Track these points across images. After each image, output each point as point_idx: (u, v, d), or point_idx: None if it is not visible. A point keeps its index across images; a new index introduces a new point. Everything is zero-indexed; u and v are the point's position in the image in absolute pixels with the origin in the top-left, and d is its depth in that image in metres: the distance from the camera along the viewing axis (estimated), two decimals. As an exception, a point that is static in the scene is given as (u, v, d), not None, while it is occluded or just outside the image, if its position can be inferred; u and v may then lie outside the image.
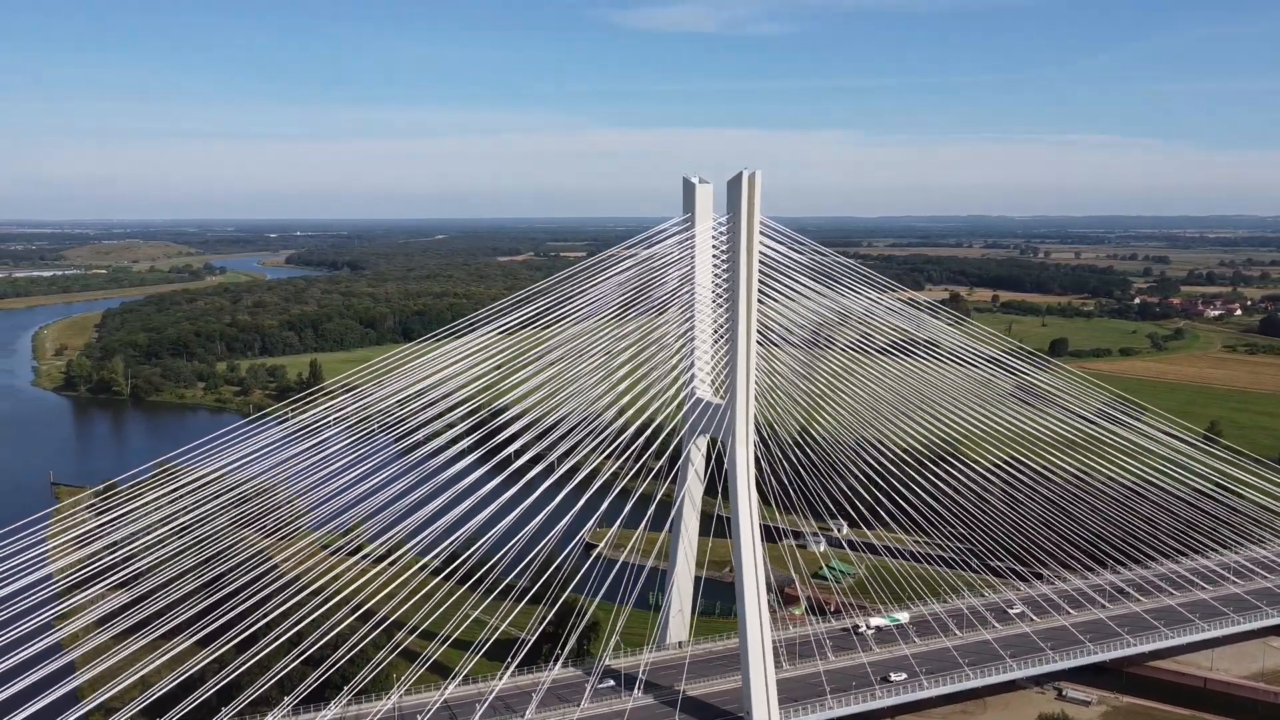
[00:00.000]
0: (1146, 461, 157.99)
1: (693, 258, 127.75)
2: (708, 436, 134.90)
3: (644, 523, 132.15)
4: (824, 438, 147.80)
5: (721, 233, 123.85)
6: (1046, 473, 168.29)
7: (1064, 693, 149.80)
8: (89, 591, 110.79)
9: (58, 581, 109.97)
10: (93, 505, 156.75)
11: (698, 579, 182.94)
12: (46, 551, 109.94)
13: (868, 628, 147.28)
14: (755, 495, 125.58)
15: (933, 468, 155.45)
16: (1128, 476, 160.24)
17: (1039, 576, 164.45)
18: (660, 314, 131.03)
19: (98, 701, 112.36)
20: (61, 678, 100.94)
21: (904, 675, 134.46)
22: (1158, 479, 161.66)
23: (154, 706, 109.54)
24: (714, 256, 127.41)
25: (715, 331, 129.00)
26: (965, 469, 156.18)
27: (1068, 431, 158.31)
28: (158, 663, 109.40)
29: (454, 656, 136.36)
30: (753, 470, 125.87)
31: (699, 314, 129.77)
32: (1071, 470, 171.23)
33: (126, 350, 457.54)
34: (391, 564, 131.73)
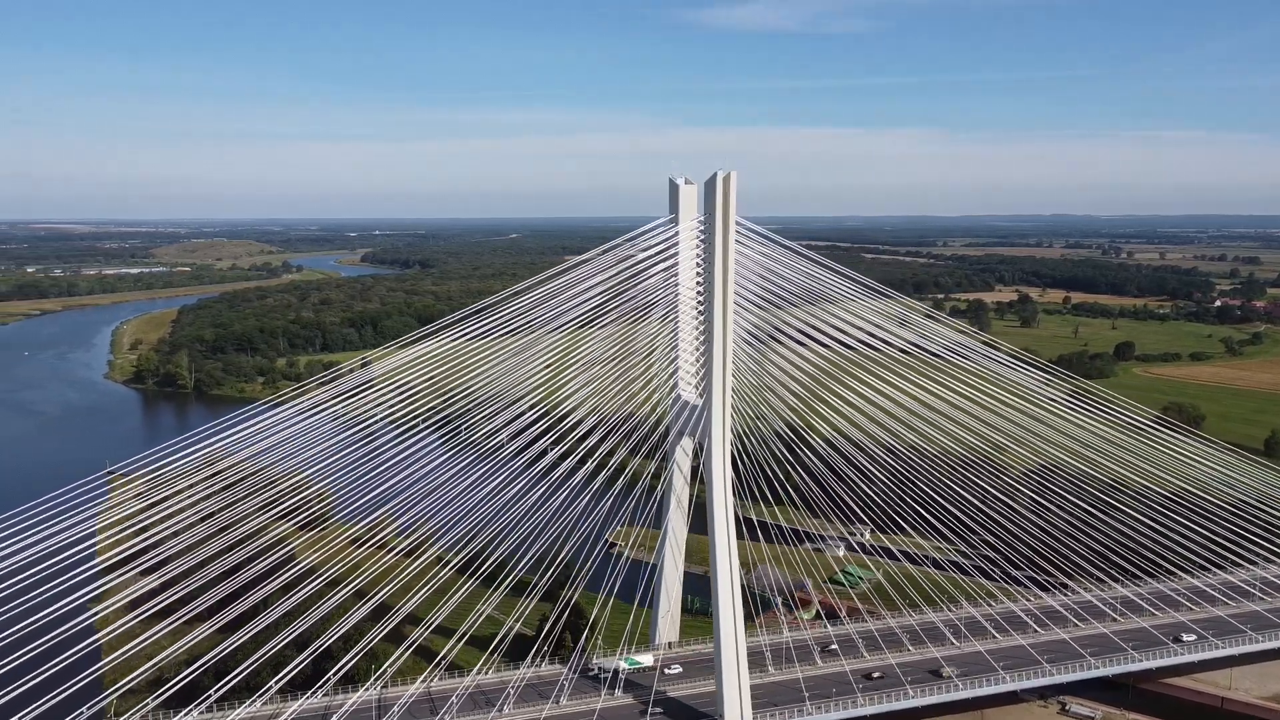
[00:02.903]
0: (1174, 472, 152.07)
1: (676, 259, 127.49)
2: (694, 438, 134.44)
3: (626, 508, 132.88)
4: (842, 441, 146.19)
5: (699, 233, 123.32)
6: (1073, 481, 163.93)
7: (1068, 707, 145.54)
8: (97, 563, 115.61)
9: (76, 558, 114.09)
10: (127, 490, 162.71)
11: (708, 581, 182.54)
12: (74, 532, 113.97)
13: (601, 670, 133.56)
14: (731, 499, 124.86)
15: (956, 474, 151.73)
16: (1156, 489, 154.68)
17: (1046, 588, 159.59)
18: (646, 316, 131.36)
19: (111, 663, 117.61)
20: (81, 640, 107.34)
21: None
22: (1184, 491, 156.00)
23: (155, 678, 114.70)
24: (696, 257, 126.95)
25: (698, 333, 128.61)
26: (989, 475, 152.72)
27: (1080, 438, 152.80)
28: (158, 635, 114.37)
29: (463, 653, 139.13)
30: (730, 473, 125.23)
31: (682, 315, 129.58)
32: (1093, 479, 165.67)
33: (194, 345, 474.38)
34: (383, 548, 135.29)
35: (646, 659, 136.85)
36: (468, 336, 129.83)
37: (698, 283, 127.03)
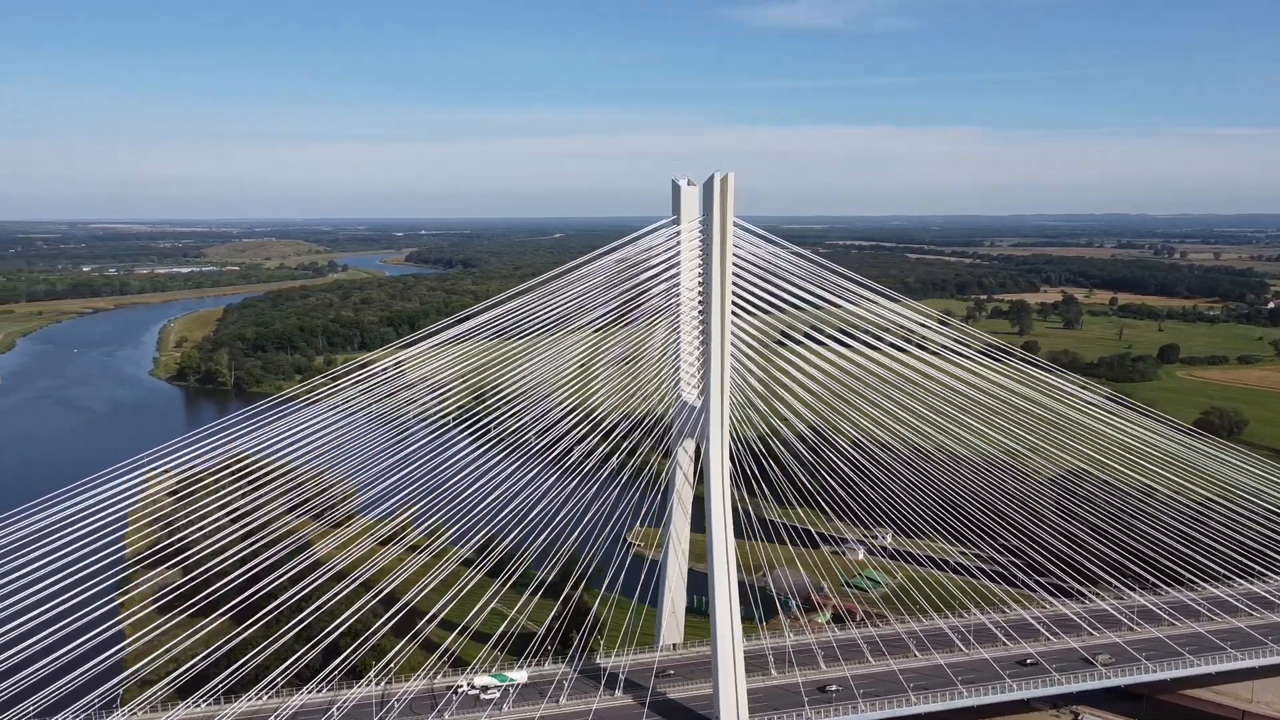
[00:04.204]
0: (1192, 478, 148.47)
1: (678, 261, 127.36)
2: (695, 439, 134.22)
3: (628, 502, 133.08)
4: (867, 442, 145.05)
5: (695, 235, 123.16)
6: (1094, 488, 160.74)
7: (1079, 717, 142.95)
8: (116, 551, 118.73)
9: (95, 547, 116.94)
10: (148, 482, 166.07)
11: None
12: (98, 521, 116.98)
13: (470, 687, 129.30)
14: (730, 501, 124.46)
15: (977, 478, 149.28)
16: (1174, 495, 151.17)
17: (1068, 595, 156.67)
18: (648, 317, 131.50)
19: (122, 650, 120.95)
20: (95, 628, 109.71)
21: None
22: (1207, 499, 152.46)
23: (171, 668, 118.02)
24: (698, 259, 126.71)
25: (699, 335, 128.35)
26: (1009, 481, 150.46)
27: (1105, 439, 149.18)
28: (171, 625, 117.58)
29: (473, 649, 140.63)
30: (728, 476, 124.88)
31: (684, 317, 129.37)
32: (1114, 486, 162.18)
33: (235, 344, 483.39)
34: (390, 541, 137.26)
35: (521, 676, 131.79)
36: (473, 338, 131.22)
37: (699, 284, 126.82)
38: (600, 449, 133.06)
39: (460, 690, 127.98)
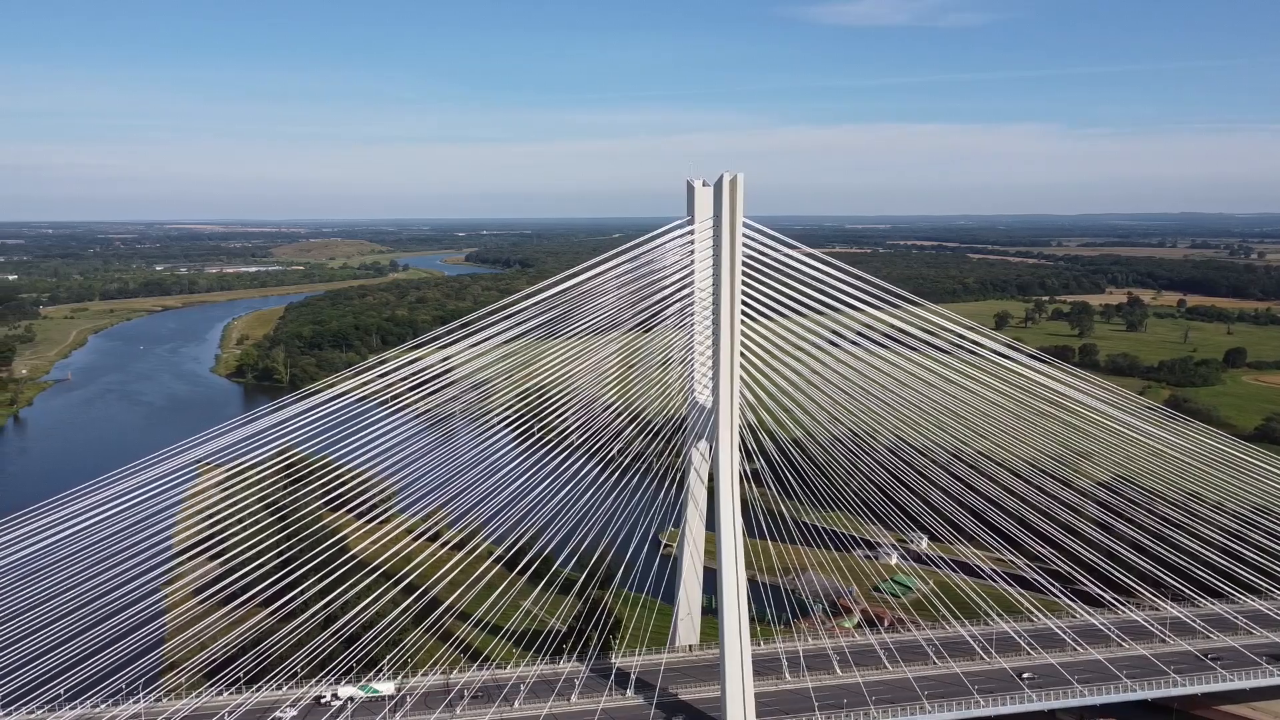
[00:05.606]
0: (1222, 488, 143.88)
1: (692, 262, 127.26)
2: (709, 440, 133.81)
3: (642, 497, 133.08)
4: (878, 445, 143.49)
5: (706, 236, 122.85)
6: (1126, 498, 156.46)
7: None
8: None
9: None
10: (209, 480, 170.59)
11: (753, 584, 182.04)
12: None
13: (334, 698, 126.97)
14: (738, 503, 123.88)
15: (1014, 483, 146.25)
16: (1223, 506, 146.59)
17: (1096, 604, 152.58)
18: (662, 319, 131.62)
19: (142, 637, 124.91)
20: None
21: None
22: (1249, 509, 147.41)
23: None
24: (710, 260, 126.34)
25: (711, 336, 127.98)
26: (1040, 488, 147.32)
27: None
28: (193, 613, 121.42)
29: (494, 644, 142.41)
30: (738, 477, 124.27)
31: (698, 319, 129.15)
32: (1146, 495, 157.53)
33: (292, 341, 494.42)
34: (406, 532, 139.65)
35: (387, 687, 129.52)
36: (489, 339, 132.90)
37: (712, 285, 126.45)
38: (611, 448, 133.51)
39: (324, 701, 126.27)
